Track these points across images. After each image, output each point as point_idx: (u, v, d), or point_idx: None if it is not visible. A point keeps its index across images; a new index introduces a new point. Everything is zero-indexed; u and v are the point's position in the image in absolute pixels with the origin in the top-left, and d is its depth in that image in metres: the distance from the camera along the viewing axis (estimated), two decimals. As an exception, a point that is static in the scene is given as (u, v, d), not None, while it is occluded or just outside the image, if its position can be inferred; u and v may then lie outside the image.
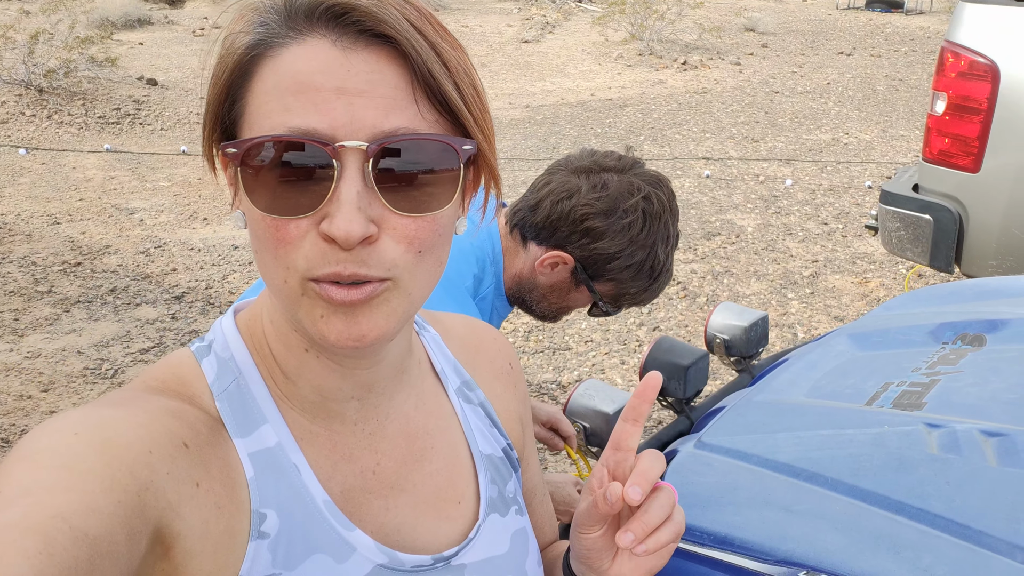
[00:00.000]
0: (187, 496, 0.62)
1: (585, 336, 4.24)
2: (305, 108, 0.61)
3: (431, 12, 0.67)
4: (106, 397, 0.66)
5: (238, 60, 0.64)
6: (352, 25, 0.62)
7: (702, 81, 10.34)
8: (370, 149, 0.61)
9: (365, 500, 0.75)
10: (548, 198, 1.57)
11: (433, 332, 0.89)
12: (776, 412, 1.50)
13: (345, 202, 0.60)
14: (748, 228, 5.65)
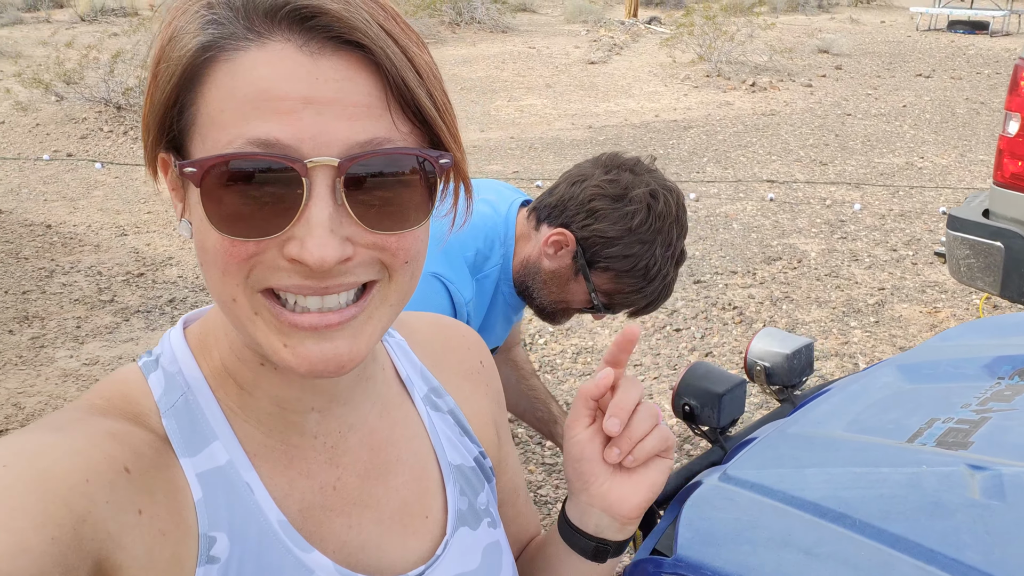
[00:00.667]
0: (129, 525, 0.58)
1: (635, 360, 4.14)
2: (267, 118, 0.55)
3: (396, 11, 0.61)
4: (45, 420, 0.63)
5: (188, 63, 0.58)
6: (320, 30, 0.56)
7: (771, 103, 10.14)
8: (342, 165, 0.56)
9: (326, 518, 0.71)
10: (564, 181, 1.64)
11: (398, 338, 0.84)
12: (808, 446, 1.40)
13: (316, 224, 0.55)
14: (811, 253, 5.47)
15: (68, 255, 5.42)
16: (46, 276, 5.08)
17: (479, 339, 0.91)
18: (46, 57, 9.07)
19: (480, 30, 14.72)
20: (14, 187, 6.73)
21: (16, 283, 4.96)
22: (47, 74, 8.53)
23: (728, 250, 5.52)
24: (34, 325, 4.46)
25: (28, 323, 4.48)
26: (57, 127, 8.21)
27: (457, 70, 11.70)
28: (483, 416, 0.87)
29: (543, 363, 4.11)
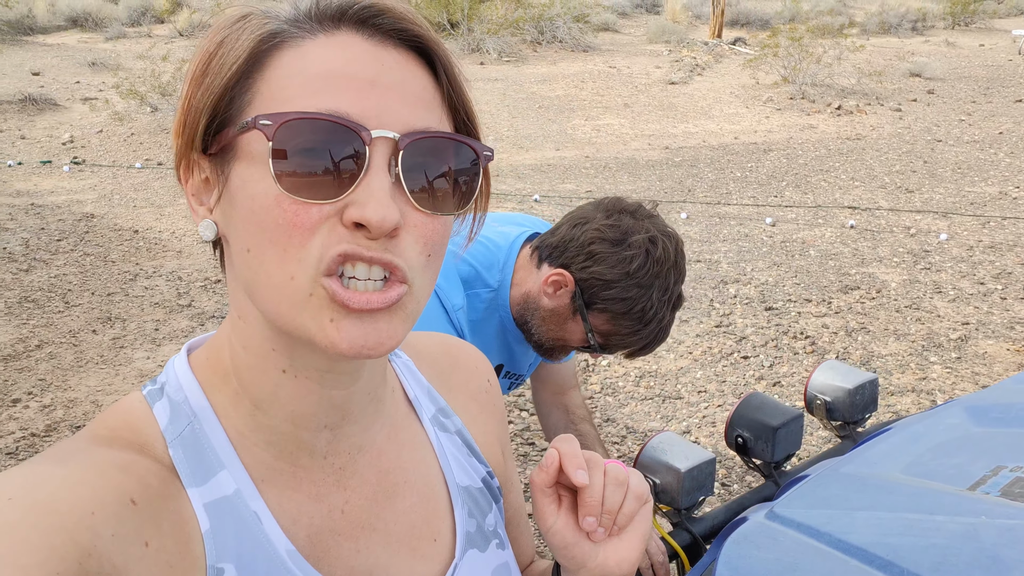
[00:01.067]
0: (135, 558, 0.57)
1: (699, 386, 4.06)
2: (337, 93, 0.59)
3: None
4: (50, 451, 0.62)
5: (253, 48, 0.60)
6: (384, 26, 0.62)
7: (856, 127, 9.86)
8: (401, 141, 0.59)
9: (334, 542, 0.70)
10: (567, 222, 1.69)
11: (405, 358, 0.84)
12: (861, 487, 1.34)
13: (378, 190, 0.58)
14: (891, 283, 5.27)
15: (152, 260, 5.64)
16: (130, 279, 5.29)
17: (485, 360, 0.91)
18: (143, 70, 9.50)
19: (561, 49, 14.78)
20: (107, 193, 7.05)
21: (103, 285, 5.18)
22: (143, 86, 8.93)
23: (803, 277, 5.36)
24: (116, 326, 4.65)
25: (111, 324, 4.67)
26: (150, 137, 8.58)
27: (536, 88, 11.76)
28: (490, 436, 0.86)
29: (605, 385, 4.06)
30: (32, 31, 14.83)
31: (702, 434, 3.65)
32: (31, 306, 4.86)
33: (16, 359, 4.26)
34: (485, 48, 13.94)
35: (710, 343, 4.48)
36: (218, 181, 0.63)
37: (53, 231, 6.06)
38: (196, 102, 0.62)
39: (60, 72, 11.79)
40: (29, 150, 8.25)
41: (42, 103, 9.78)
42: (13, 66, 11.64)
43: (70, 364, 4.22)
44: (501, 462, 0.88)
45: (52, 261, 5.52)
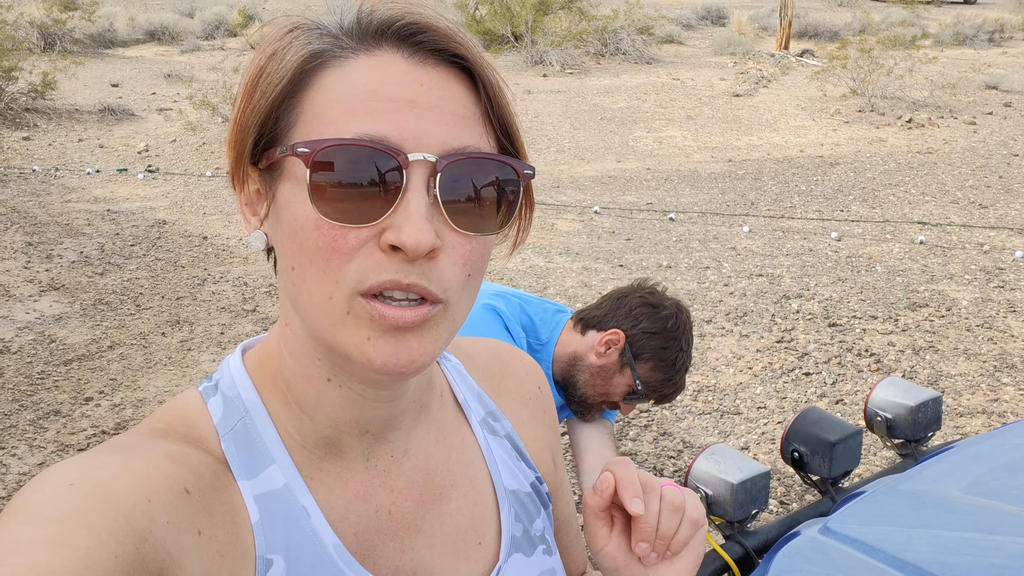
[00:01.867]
0: (188, 545, 0.59)
1: (758, 402, 3.99)
2: (375, 115, 0.59)
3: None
4: (108, 442, 0.65)
5: (298, 67, 0.62)
6: (426, 44, 0.62)
7: (928, 140, 9.59)
8: (439, 163, 0.60)
9: (380, 542, 0.71)
10: (609, 298, 2.10)
11: (455, 361, 0.84)
12: (919, 504, 1.30)
13: (415, 212, 0.59)
14: (962, 301, 5.11)
15: (219, 265, 5.80)
16: (198, 284, 5.45)
17: (536, 366, 0.91)
18: (215, 81, 9.81)
19: (624, 61, 14.74)
20: (178, 200, 7.29)
21: (172, 289, 5.35)
22: (215, 97, 9.20)
23: (869, 293, 5.24)
24: (184, 329, 4.79)
25: (179, 327, 4.82)
26: (220, 146, 8.83)
27: (598, 100, 11.75)
28: (540, 442, 0.86)
29: (662, 398, 4.02)
30: (112, 44, 15.43)
31: (760, 451, 3.59)
32: (104, 308, 5.05)
33: (89, 359, 4.42)
34: (548, 60, 13.99)
35: (771, 358, 4.41)
36: (267, 196, 0.65)
37: (127, 236, 6.29)
38: (246, 117, 0.64)
39: (137, 84, 12.25)
40: (107, 158, 8.58)
41: (120, 113, 10.16)
42: (94, 78, 12.13)
43: (140, 365, 4.37)
44: (551, 469, 0.87)
45: (125, 265, 5.72)
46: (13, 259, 5.75)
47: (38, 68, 9.89)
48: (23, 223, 6.47)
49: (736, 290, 5.31)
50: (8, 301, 5.10)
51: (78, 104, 10.37)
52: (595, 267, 5.73)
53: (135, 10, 17.90)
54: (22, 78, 9.60)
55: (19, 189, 7.35)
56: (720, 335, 4.68)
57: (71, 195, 7.28)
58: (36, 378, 4.21)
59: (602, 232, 6.49)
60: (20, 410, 3.90)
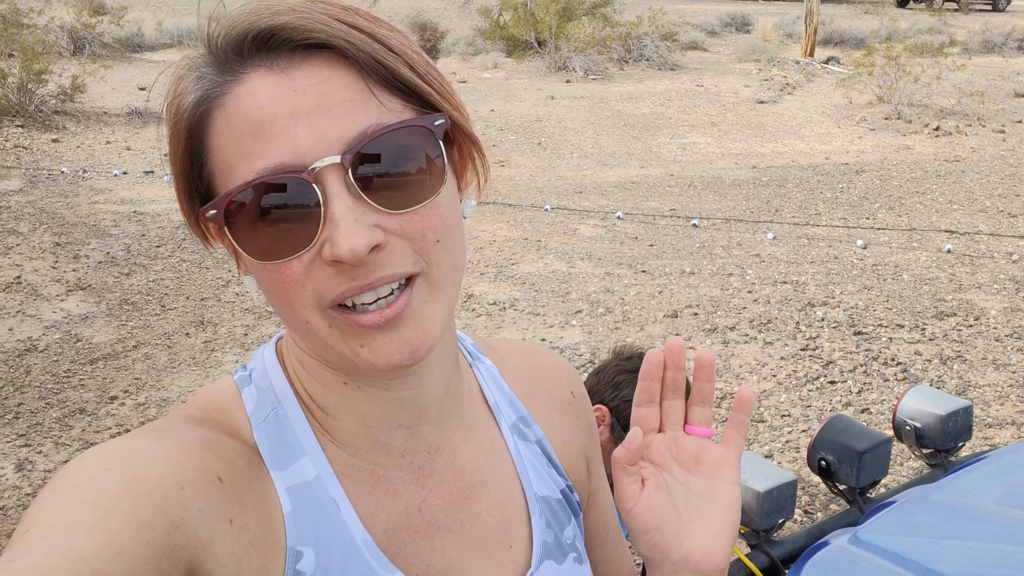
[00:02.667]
0: (220, 534, 0.59)
1: (783, 410, 3.95)
2: (266, 145, 0.57)
3: (360, 7, 0.63)
4: (145, 427, 0.65)
5: (188, 122, 0.61)
6: (283, 45, 0.59)
7: (956, 148, 9.48)
8: (345, 160, 0.57)
9: (410, 540, 0.70)
10: (591, 376, 2.10)
11: (488, 363, 0.83)
12: (951, 515, 1.28)
13: (340, 219, 0.57)
14: (991, 311, 5.03)
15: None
16: (223, 285, 5.49)
17: (571, 369, 0.89)
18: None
19: (648, 67, 14.70)
20: (204, 202, 7.36)
21: (197, 290, 5.40)
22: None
23: (895, 302, 5.18)
24: (208, 330, 4.83)
25: (203, 327, 4.86)
26: (246, 149, 8.90)
27: (621, 106, 11.73)
28: (572, 447, 0.84)
29: (684, 405, 3.99)
30: (140, 48, 15.62)
31: (785, 459, 3.55)
32: (130, 308, 5.10)
33: (115, 358, 4.47)
34: (571, 66, 13.99)
35: (795, 366, 4.36)
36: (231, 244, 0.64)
37: (153, 238, 6.35)
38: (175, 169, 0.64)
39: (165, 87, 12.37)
40: (134, 161, 8.67)
41: (147, 116, 10.27)
42: (122, 81, 12.28)
43: (164, 365, 4.40)
44: (584, 475, 0.86)
45: (151, 266, 5.78)
46: (41, 259, 5.82)
47: (68, 71, 10.02)
48: (51, 223, 6.55)
49: (760, 297, 5.27)
50: (36, 300, 5.16)
51: (106, 107, 10.50)
52: (617, 272, 5.71)
53: (163, 15, 18.11)
54: (52, 81, 9.74)
55: (48, 190, 7.44)
56: (744, 342, 4.65)
57: (99, 196, 7.36)
58: (62, 376, 4.25)
59: (625, 238, 6.47)
60: (46, 407, 3.95)
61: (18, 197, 7.21)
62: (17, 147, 8.80)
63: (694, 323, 4.89)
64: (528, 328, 4.84)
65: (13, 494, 3.30)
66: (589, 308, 5.11)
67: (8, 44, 10.08)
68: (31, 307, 5.06)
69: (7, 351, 4.49)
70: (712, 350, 0.72)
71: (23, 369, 4.31)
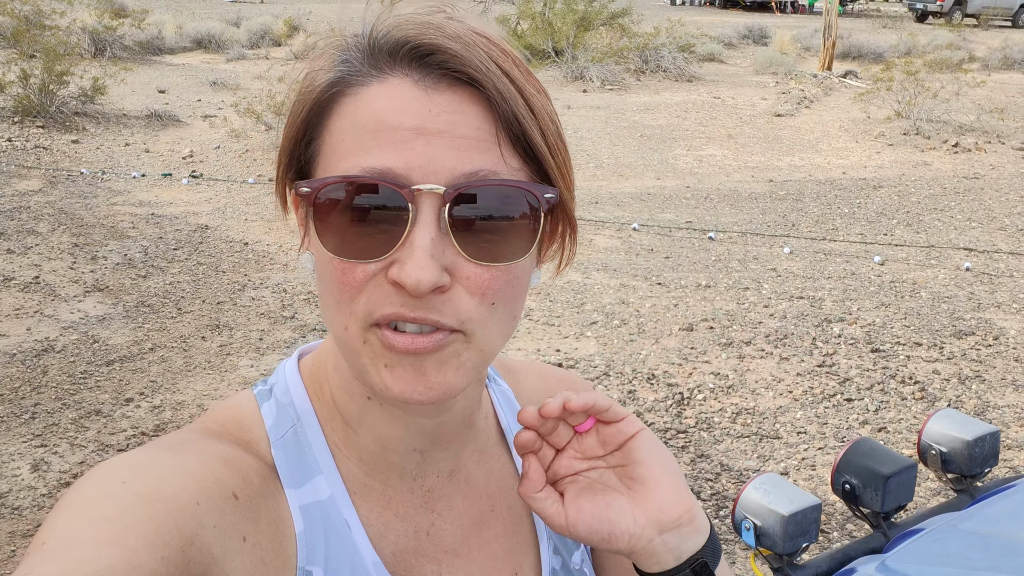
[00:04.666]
0: (233, 551, 0.60)
1: (799, 427, 3.92)
2: (382, 147, 0.58)
3: (517, 56, 0.64)
4: (163, 439, 0.66)
5: (317, 97, 0.63)
6: (436, 66, 0.60)
7: (975, 165, 9.42)
8: (447, 193, 0.58)
9: (417, 563, 0.71)
10: None
11: (504, 387, 0.83)
12: (982, 545, 1.26)
13: (418, 248, 0.57)
14: (1011, 330, 4.99)
15: (259, 271, 5.86)
16: (239, 289, 5.50)
17: (586, 388, 0.89)
18: (260, 90, 9.95)
19: (665, 78, 14.70)
20: (221, 206, 7.38)
21: (213, 294, 5.41)
22: (259, 105, 9.33)
23: (913, 319, 5.14)
24: (223, 334, 4.84)
25: (219, 331, 4.87)
26: (263, 153, 8.94)
27: (638, 117, 11.72)
28: None
29: (700, 420, 3.97)
30: (160, 51, 15.73)
31: (800, 477, 3.52)
32: (147, 311, 5.12)
33: (131, 360, 4.48)
34: (588, 76, 13.99)
35: (811, 383, 4.33)
36: (304, 222, 0.65)
37: (170, 240, 6.38)
38: (287, 134, 0.65)
39: (184, 90, 12.46)
40: (152, 163, 8.73)
41: (166, 119, 10.34)
42: (142, 84, 12.36)
43: (179, 368, 4.41)
44: None
45: (168, 269, 5.80)
46: (59, 259, 5.86)
47: (88, 73, 10.10)
48: (70, 224, 6.59)
49: (776, 312, 5.24)
50: (54, 301, 5.19)
51: (126, 109, 10.57)
52: (633, 284, 5.69)
53: (183, 19, 18.26)
54: (73, 83, 9.82)
55: (67, 191, 7.49)
56: (760, 357, 4.62)
57: (117, 198, 7.41)
58: (79, 377, 4.27)
59: (640, 249, 6.45)
60: (62, 408, 3.96)
61: (38, 197, 7.26)
62: (37, 147, 8.87)
63: (709, 337, 4.86)
64: (542, 339, 4.83)
65: (28, 494, 3.31)
66: (604, 319, 5.10)
67: (30, 45, 10.16)
68: (49, 307, 5.09)
69: (24, 351, 4.51)
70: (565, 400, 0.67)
71: (40, 369, 4.33)
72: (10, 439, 3.69)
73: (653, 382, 4.33)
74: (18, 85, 9.40)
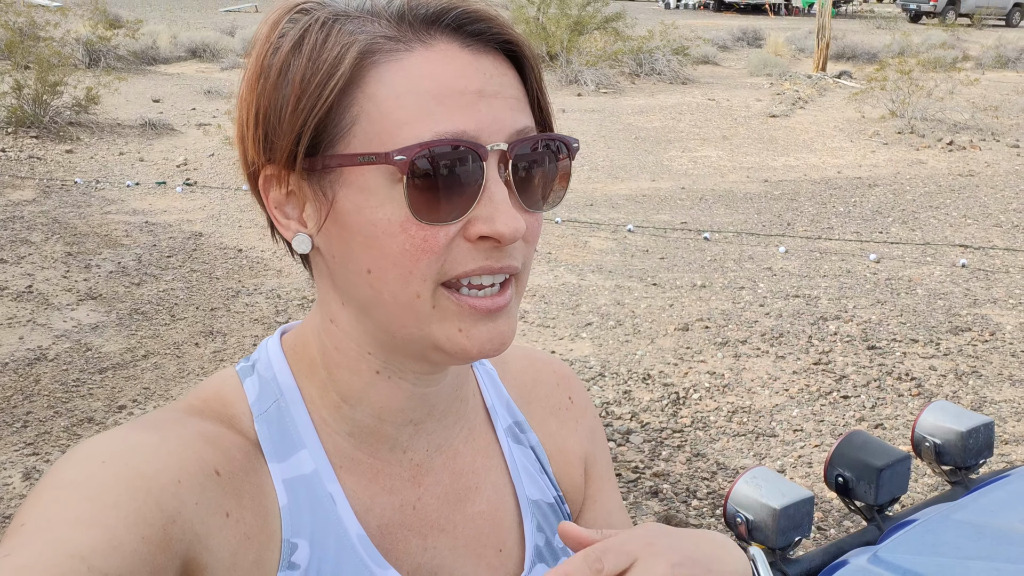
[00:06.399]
0: (216, 527, 0.60)
1: (795, 424, 3.90)
2: (452, 111, 0.60)
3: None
4: (144, 417, 0.65)
5: (349, 67, 0.59)
6: (479, 34, 0.63)
7: (969, 163, 9.43)
8: (510, 148, 0.62)
9: (403, 537, 0.71)
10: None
11: (489, 367, 0.84)
12: (975, 535, 1.24)
13: (501, 201, 0.61)
14: (1007, 326, 4.97)
15: (253, 277, 5.84)
16: (232, 295, 5.48)
17: (570, 374, 0.89)
18: (255, 97, 9.92)
19: (659, 81, 14.71)
20: (215, 213, 7.36)
21: (206, 300, 5.39)
22: (254, 113, 9.31)
23: (909, 316, 5.12)
24: (217, 340, 4.82)
25: (212, 337, 4.85)
26: (258, 161, 8.92)
27: (632, 119, 11.73)
28: (569, 455, 0.84)
29: (696, 419, 3.96)
30: (155, 61, 15.72)
31: (797, 474, 3.50)
32: (140, 318, 5.09)
33: (124, 367, 4.46)
34: (583, 79, 14.00)
35: (807, 380, 4.32)
36: (317, 200, 0.63)
37: (164, 248, 6.35)
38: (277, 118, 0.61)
39: (178, 99, 12.45)
40: (146, 171, 8.71)
41: (160, 128, 10.33)
42: (136, 93, 12.35)
43: (173, 375, 4.39)
44: (579, 483, 0.85)
45: (162, 276, 5.78)
46: (53, 268, 5.83)
47: (83, 83, 10.09)
48: (64, 233, 6.57)
49: (772, 311, 5.23)
50: (47, 309, 5.16)
51: (120, 119, 10.56)
52: (628, 285, 5.67)
53: (177, 28, 18.26)
54: (67, 93, 9.80)
55: (61, 200, 7.47)
56: (755, 356, 4.60)
57: (111, 207, 7.38)
58: (71, 385, 4.24)
59: (635, 250, 6.44)
60: (55, 416, 3.94)
61: (31, 207, 7.24)
62: (31, 158, 8.86)
63: (705, 336, 4.85)
64: (538, 340, 4.81)
65: (20, 503, 3.28)
66: (599, 320, 5.08)
67: (24, 56, 10.15)
68: (42, 316, 5.06)
69: (17, 360, 4.49)
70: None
71: (32, 378, 4.30)
72: (2, 448, 3.67)
73: (649, 382, 4.31)
74: (12, 96, 9.38)
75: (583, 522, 0.87)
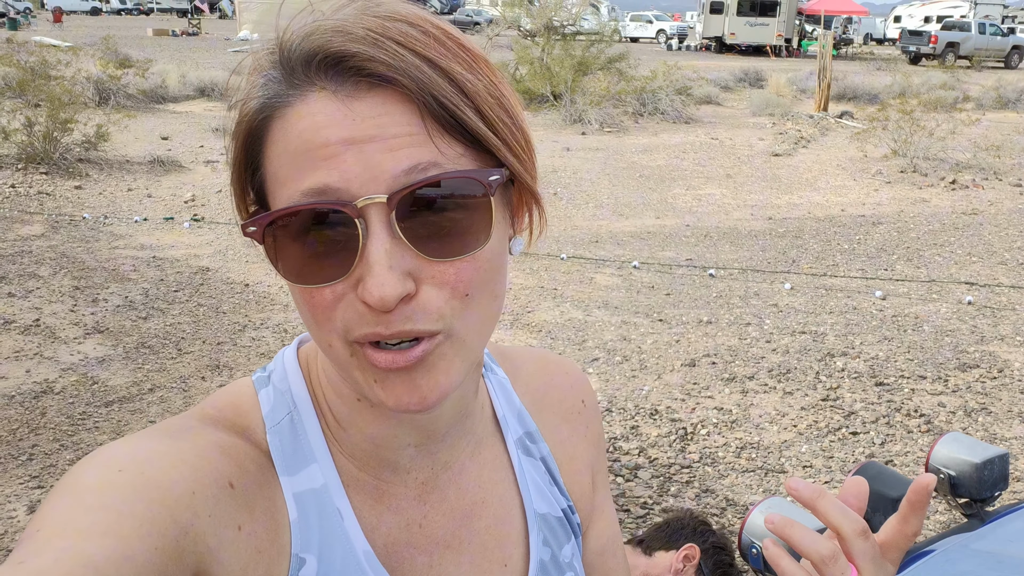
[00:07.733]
0: (228, 540, 0.60)
1: (804, 460, 3.87)
2: (316, 166, 0.56)
3: (447, 30, 0.61)
4: (161, 425, 0.65)
5: (248, 125, 0.61)
6: (350, 72, 0.57)
7: (973, 201, 9.47)
8: (391, 198, 0.56)
9: (409, 555, 0.71)
10: (666, 516, 2.26)
11: (501, 375, 0.83)
12: (996, 564, 1.23)
13: (374, 263, 0.55)
14: (1015, 363, 4.96)
15: (260, 312, 5.85)
16: (239, 330, 5.49)
17: (583, 378, 0.88)
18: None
19: (663, 120, 14.85)
20: (222, 249, 7.40)
21: (213, 334, 5.40)
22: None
23: (916, 353, 5.11)
24: (223, 374, 4.81)
25: (219, 371, 4.84)
26: (265, 197, 8.99)
27: (636, 158, 11.82)
28: (578, 462, 0.84)
29: (704, 455, 3.93)
30: (164, 99, 15.93)
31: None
32: (147, 352, 5.10)
33: (130, 401, 4.45)
34: (587, 119, 14.15)
35: (816, 416, 4.29)
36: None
37: (171, 282, 6.38)
38: (234, 166, 0.64)
39: (186, 137, 12.59)
40: (154, 207, 8.78)
41: (168, 165, 10.43)
42: (145, 131, 12.49)
43: (179, 408, 4.38)
44: (588, 491, 0.85)
45: (168, 310, 5.79)
46: (60, 302, 5.85)
47: (93, 121, 10.21)
48: (72, 268, 6.60)
49: (779, 347, 5.22)
50: (54, 343, 5.17)
51: (129, 155, 10.67)
52: (634, 321, 5.67)
53: (186, 68, 18.51)
54: (77, 130, 9.92)
55: (69, 235, 7.52)
56: (763, 392, 4.59)
57: (119, 242, 7.43)
58: (77, 418, 4.23)
59: (641, 287, 6.45)
60: (60, 450, 3.92)
61: (40, 242, 7.29)
62: (40, 193, 8.93)
63: (712, 372, 4.83)
64: (545, 376, 4.80)
65: (24, 537, 3.26)
66: (606, 356, 5.07)
67: (36, 94, 10.29)
68: (48, 350, 5.07)
69: (23, 393, 4.49)
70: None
71: (39, 411, 4.30)
72: (7, 481, 3.65)
73: (656, 417, 4.29)
74: (22, 133, 9.49)
75: (594, 534, 0.87)
